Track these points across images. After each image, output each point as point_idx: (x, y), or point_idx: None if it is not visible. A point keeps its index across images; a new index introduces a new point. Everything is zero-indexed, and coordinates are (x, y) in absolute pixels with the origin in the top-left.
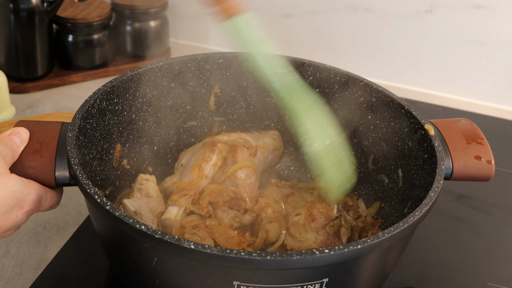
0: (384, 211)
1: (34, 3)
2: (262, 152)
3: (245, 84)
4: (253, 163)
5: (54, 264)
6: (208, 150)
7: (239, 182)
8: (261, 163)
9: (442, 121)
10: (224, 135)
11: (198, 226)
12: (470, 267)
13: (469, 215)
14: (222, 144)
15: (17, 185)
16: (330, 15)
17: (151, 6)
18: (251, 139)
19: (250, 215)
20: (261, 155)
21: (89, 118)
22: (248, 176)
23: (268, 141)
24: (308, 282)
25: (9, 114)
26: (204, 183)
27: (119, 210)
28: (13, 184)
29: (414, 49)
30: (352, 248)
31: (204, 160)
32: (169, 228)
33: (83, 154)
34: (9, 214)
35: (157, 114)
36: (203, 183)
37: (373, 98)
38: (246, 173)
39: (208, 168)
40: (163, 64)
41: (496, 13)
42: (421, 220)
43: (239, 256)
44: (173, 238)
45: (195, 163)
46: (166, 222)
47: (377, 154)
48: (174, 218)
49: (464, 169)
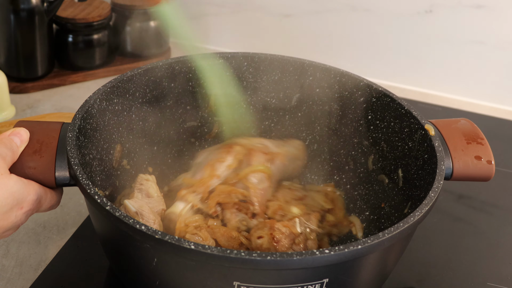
0: (384, 211)
1: (34, 3)
2: (281, 160)
3: (245, 84)
4: (268, 169)
5: (54, 264)
6: (225, 151)
7: (250, 186)
8: (279, 171)
9: (442, 121)
10: (245, 139)
11: (200, 226)
12: (470, 267)
13: (469, 215)
14: (240, 146)
15: (16, 186)
16: (330, 15)
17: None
18: (271, 146)
19: (258, 219)
20: (280, 163)
21: (89, 118)
22: (261, 181)
23: (290, 150)
24: (308, 283)
25: (9, 114)
26: (215, 183)
27: (119, 210)
28: (13, 185)
29: (414, 49)
30: (353, 248)
31: (219, 161)
32: (173, 222)
33: (83, 155)
34: (8, 214)
35: (157, 115)
36: (214, 183)
37: (373, 98)
38: (259, 178)
39: (222, 168)
40: (163, 64)
41: (496, 13)
42: (421, 220)
43: (240, 257)
44: (173, 239)
45: (209, 162)
46: (171, 216)
47: (377, 154)
48: (179, 213)
49: (464, 169)
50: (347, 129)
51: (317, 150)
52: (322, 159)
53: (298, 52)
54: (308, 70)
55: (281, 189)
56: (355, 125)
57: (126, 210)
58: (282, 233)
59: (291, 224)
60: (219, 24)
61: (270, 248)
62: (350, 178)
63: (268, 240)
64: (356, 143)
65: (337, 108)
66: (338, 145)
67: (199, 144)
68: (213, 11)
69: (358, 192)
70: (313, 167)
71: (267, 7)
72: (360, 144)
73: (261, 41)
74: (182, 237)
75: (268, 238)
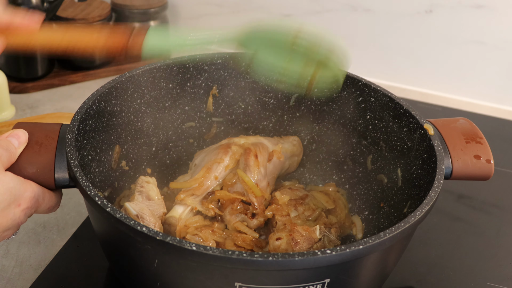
0: (383, 211)
1: (34, 3)
2: (278, 157)
3: (243, 84)
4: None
5: (54, 264)
6: (222, 151)
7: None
8: (277, 168)
9: (441, 120)
10: (242, 138)
11: (200, 227)
12: (470, 267)
13: (469, 215)
14: (237, 146)
15: (12, 182)
16: (330, 15)
17: (151, 6)
18: (269, 144)
19: (258, 219)
20: (277, 160)
21: (87, 119)
22: (259, 181)
23: (287, 147)
24: (310, 283)
25: (9, 114)
26: (214, 184)
27: (120, 212)
28: (9, 181)
29: (414, 49)
30: (354, 248)
31: (216, 162)
32: (173, 226)
33: (82, 156)
34: (6, 211)
35: (155, 115)
36: (213, 184)
37: (372, 98)
38: (257, 178)
39: (219, 169)
40: (161, 65)
41: (496, 13)
42: (422, 220)
43: (241, 257)
44: (174, 240)
45: (207, 164)
46: (171, 220)
47: (376, 154)
48: (179, 216)
49: (464, 169)
50: (345, 128)
51: (315, 150)
52: (321, 159)
53: None
54: None
55: (281, 189)
56: (354, 124)
57: (126, 213)
58: (302, 236)
59: (311, 229)
60: (219, 24)
61: (287, 250)
62: (349, 177)
63: (286, 241)
64: (355, 142)
65: (335, 107)
66: (337, 145)
67: (198, 145)
68: (213, 11)
69: (357, 191)
70: (312, 167)
71: (267, 7)
72: (359, 144)
73: None
74: (182, 238)
75: (287, 239)
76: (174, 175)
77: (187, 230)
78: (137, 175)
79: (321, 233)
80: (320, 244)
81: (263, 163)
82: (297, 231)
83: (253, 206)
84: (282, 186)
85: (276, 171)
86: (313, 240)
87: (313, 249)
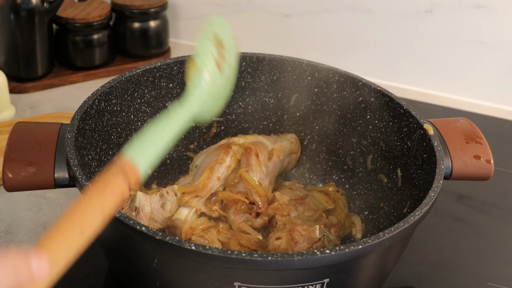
0: (383, 211)
1: (34, 3)
2: (278, 155)
3: (243, 84)
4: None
5: None
6: (223, 152)
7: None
8: (277, 166)
9: (441, 120)
10: (241, 137)
11: (207, 229)
12: (470, 267)
13: (469, 215)
14: (237, 146)
15: None
16: (330, 15)
17: (151, 6)
18: (267, 142)
19: (262, 218)
20: (277, 159)
21: (87, 119)
22: (262, 180)
23: (285, 144)
24: (309, 283)
25: (9, 114)
26: (217, 185)
27: (119, 212)
28: None
29: (414, 49)
30: (353, 248)
31: (218, 162)
32: (179, 228)
33: (82, 155)
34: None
35: (155, 115)
36: (215, 185)
37: (372, 98)
38: (259, 178)
39: (221, 170)
40: (161, 65)
41: (496, 13)
42: (421, 220)
43: (240, 257)
44: (173, 239)
45: (208, 165)
46: (176, 223)
47: (376, 154)
48: (184, 219)
49: (464, 169)
50: (345, 128)
51: (315, 150)
52: (321, 159)
53: (297, 52)
54: (307, 70)
55: (282, 189)
56: (354, 124)
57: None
58: (302, 236)
59: (311, 229)
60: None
61: (287, 249)
62: (349, 177)
63: (286, 241)
64: (354, 142)
65: (335, 107)
66: (337, 145)
67: (198, 145)
68: (213, 11)
69: (357, 191)
70: (312, 167)
71: (267, 7)
72: (359, 144)
73: (260, 41)
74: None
75: (287, 239)
76: (174, 175)
77: (193, 232)
78: (173, 184)
79: (320, 233)
80: (319, 244)
81: (264, 162)
82: (296, 230)
83: (257, 205)
84: (282, 186)
85: (276, 169)
86: (313, 240)
87: (313, 249)
